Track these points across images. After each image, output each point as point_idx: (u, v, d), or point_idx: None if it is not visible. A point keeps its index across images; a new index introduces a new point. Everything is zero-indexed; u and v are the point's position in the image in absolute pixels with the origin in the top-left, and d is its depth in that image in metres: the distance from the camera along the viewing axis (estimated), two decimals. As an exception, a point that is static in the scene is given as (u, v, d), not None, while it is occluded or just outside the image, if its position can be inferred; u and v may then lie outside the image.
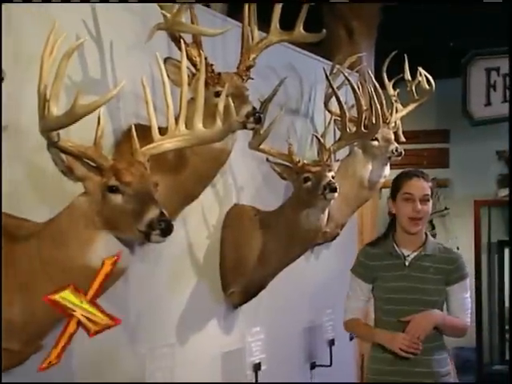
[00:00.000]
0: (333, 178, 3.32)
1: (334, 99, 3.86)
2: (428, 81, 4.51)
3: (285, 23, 3.04)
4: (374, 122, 3.58)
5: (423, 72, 4.52)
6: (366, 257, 3.25)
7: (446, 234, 7.92)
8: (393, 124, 4.32)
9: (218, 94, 2.67)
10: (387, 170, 4.30)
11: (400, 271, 3.15)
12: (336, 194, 3.26)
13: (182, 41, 2.69)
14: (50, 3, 2.58)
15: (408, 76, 4.57)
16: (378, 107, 3.60)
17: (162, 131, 2.33)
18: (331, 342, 4.62)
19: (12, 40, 2.44)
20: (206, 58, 2.70)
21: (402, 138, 4.50)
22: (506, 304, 7.50)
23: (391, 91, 4.54)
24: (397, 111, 4.43)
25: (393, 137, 4.24)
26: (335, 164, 3.65)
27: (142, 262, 2.90)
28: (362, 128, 3.56)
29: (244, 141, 3.35)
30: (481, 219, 7.72)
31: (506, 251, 7.59)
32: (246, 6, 3.00)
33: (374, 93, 3.63)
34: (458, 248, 7.73)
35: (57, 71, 2.00)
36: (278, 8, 3.01)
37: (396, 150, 4.19)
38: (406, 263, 3.13)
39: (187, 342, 3.35)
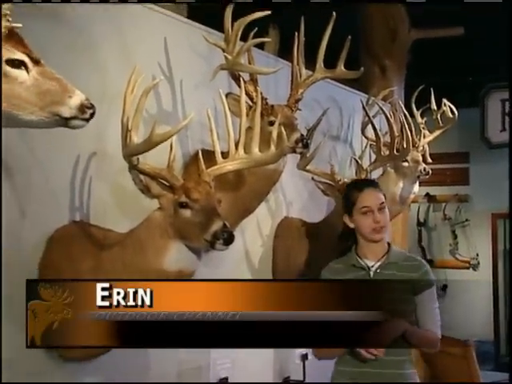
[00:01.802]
0: (369, 194, 3.28)
1: (369, 127, 3.82)
2: (451, 110, 4.44)
3: (327, 62, 3.04)
4: (404, 146, 3.53)
5: (447, 103, 4.45)
6: (330, 272, 2.62)
7: (467, 243, 7.78)
8: (421, 148, 4.25)
9: (271, 123, 2.67)
10: (416, 187, 4.22)
11: None
12: (372, 208, 3.22)
13: (241, 79, 2.70)
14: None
15: (434, 106, 4.49)
16: (409, 133, 3.56)
17: (224, 155, 2.33)
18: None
19: (99, 79, 2.49)
20: (261, 93, 2.71)
21: (429, 160, 4.41)
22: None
23: (419, 119, 4.47)
24: (424, 137, 4.36)
25: (421, 158, 4.17)
26: (371, 183, 3.61)
27: (206, 266, 2.89)
28: (395, 151, 3.53)
29: (293, 163, 3.33)
30: (497, 230, 7.59)
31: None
32: (295, 49, 3.00)
33: (405, 121, 3.59)
34: (477, 254, 7.67)
35: (137, 106, 2.02)
36: (322, 50, 3.01)
37: (424, 170, 4.11)
38: (371, 274, 2.52)
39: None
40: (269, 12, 2.62)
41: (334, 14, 2.96)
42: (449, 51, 6.11)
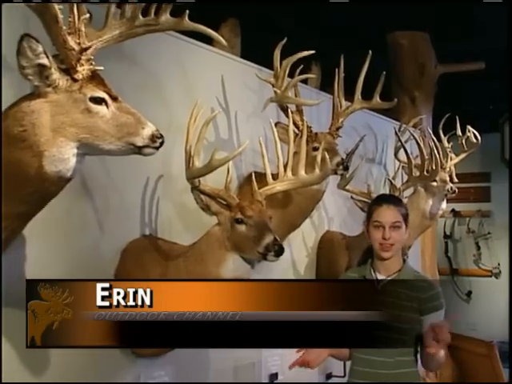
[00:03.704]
0: (402, 211, 3.22)
1: (402, 151, 3.79)
2: (475, 136, 4.35)
3: (362, 93, 3.02)
4: (433, 167, 3.49)
5: (471, 129, 4.36)
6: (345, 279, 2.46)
7: (490, 253, 7.67)
8: (448, 169, 4.16)
9: (315, 149, 2.65)
10: (444, 204, 4.11)
11: None
12: (405, 224, 3.16)
13: (288, 110, 2.70)
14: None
15: (459, 132, 4.41)
16: (437, 156, 3.50)
17: (274, 177, 2.32)
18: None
19: (166, 113, 2.51)
20: (306, 122, 2.69)
21: (455, 179, 4.32)
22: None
23: (446, 144, 4.37)
24: (451, 159, 4.26)
25: (448, 178, 4.07)
26: (404, 200, 3.55)
27: (258, 273, 2.86)
28: (425, 172, 3.50)
29: (333, 183, 3.30)
30: (517, 241, 7.42)
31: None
32: (336, 83, 2.98)
33: (433, 145, 3.53)
34: (499, 264, 7.51)
35: (198, 135, 2.04)
36: (359, 84, 2.99)
37: (451, 189, 4.02)
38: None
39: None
40: (313, 52, 2.63)
41: (370, 52, 2.94)
42: (472, 83, 6.02)
